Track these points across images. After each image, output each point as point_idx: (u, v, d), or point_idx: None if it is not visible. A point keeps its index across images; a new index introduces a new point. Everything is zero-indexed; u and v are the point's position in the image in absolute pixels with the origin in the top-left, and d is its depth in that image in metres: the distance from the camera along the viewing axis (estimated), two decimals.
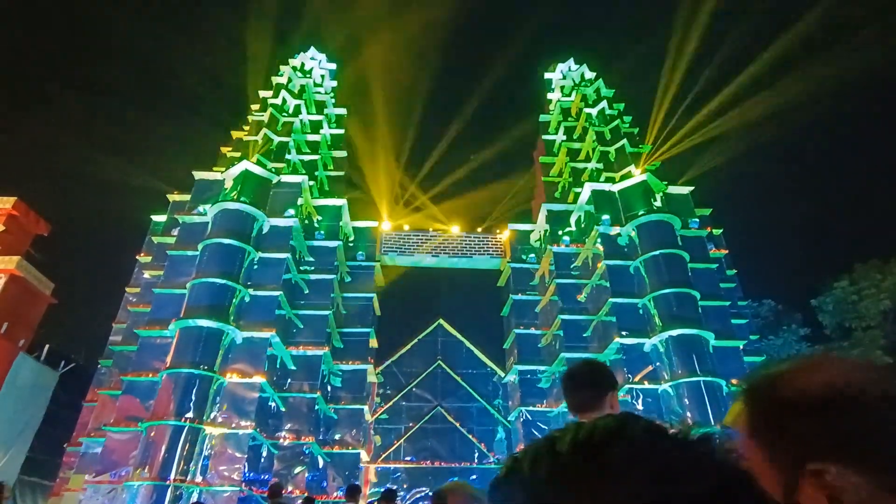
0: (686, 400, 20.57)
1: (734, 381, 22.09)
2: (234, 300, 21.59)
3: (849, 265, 30.34)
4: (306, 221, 25.72)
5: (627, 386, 21.30)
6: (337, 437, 23.10)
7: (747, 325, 25.46)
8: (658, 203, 25.12)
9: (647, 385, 21.43)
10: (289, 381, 22.50)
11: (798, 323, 31.89)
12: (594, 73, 32.82)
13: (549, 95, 33.30)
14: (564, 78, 33.29)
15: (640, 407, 21.01)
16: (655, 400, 21.21)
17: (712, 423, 20.06)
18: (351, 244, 27.74)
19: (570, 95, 31.93)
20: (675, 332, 21.56)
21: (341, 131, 31.52)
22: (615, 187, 25.86)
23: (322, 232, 26.03)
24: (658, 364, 21.77)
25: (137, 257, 26.23)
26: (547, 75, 34.32)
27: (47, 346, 24.77)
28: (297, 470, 20.95)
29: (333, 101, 32.46)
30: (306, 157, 28.02)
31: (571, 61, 33.99)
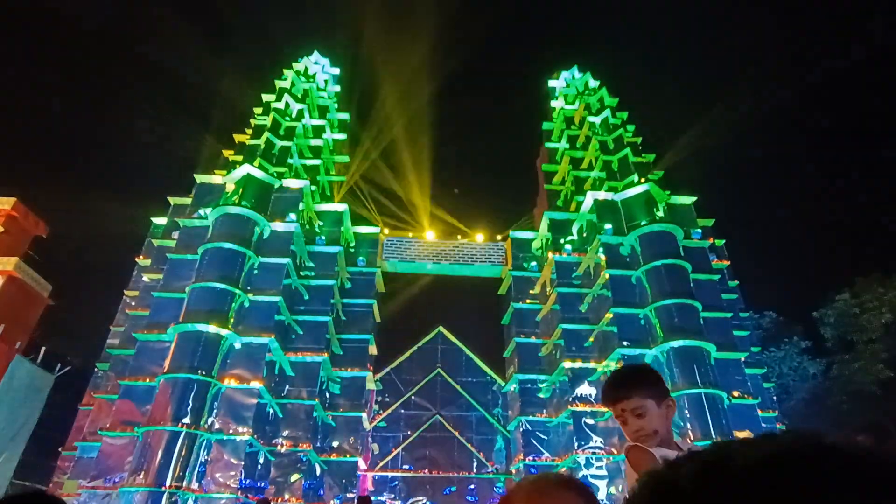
0: (687, 412, 20.43)
1: (735, 394, 21.98)
2: (233, 305, 21.44)
3: (851, 277, 30.28)
4: (307, 226, 25.61)
5: None
6: (335, 444, 22.90)
7: (749, 337, 25.33)
8: (660, 213, 25.04)
9: None
10: (287, 387, 22.32)
11: (799, 335, 31.76)
12: (598, 82, 32.83)
13: (553, 103, 33.29)
14: (568, 86, 33.31)
15: None
16: None
17: (713, 436, 19.94)
18: (352, 250, 27.61)
19: (573, 104, 31.93)
20: (676, 344, 21.43)
21: (343, 136, 31.49)
22: (618, 196, 25.78)
23: (323, 237, 25.92)
24: None
25: (137, 260, 26.08)
26: (550, 83, 34.32)
27: (44, 348, 24.56)
28: (294, 477, 20.74)
29: (336, 105, 32.45)
30: (308, 162, 27.95)
31: (575, 69, 34.02)
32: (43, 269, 24.73)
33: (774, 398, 25.46)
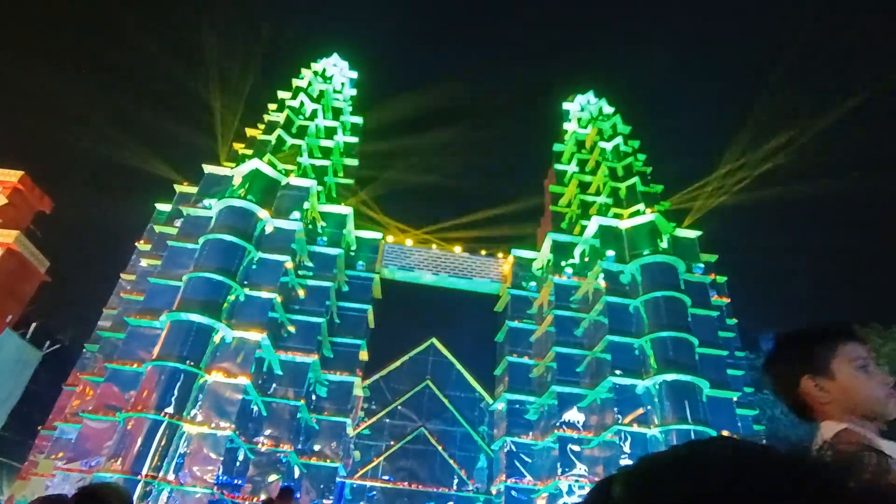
0: None
1: (725, 433, 21.72)
2: (228, 298, 21.35)
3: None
4: (310, 226, 25.59)
5: (616, 427, 20.93)
6: (316, 448, 22.63)
7: (743, 377, 25.12)
8: (664, 244, 24.98)
9: (636, 428, 21.03)
10: (274, 385, 22.13)
11: None
12: (612, 109, 32.98)
13: (566, 126, 33.40)
14: (582, 110, 33.44)
15: (627, 450, 20.62)
16: (643, 444, 20.80)
17: None
18: (352, 253, 27.57)
19: (586, 128, 32.04)
20: (669, 377, 21.23)
21: (355, 139, 31.59)
22: (623, 224, 25.75)
23: (325, 238, 25.88)
24: (649, 407, 21.40)
25: (137, 244, 26.04)
26: (565, 105, 34.47)
27: (34, 324, 24.43)
28: (272, 478, 20.46)
29: (351, 109, 32.61)
30: (317, 162, 28.02)
31: (591, 94, 34.19)
32: (43, 244, 24.71)
33: (764, 442, 25.12)
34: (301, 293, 23.96)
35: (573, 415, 22.63)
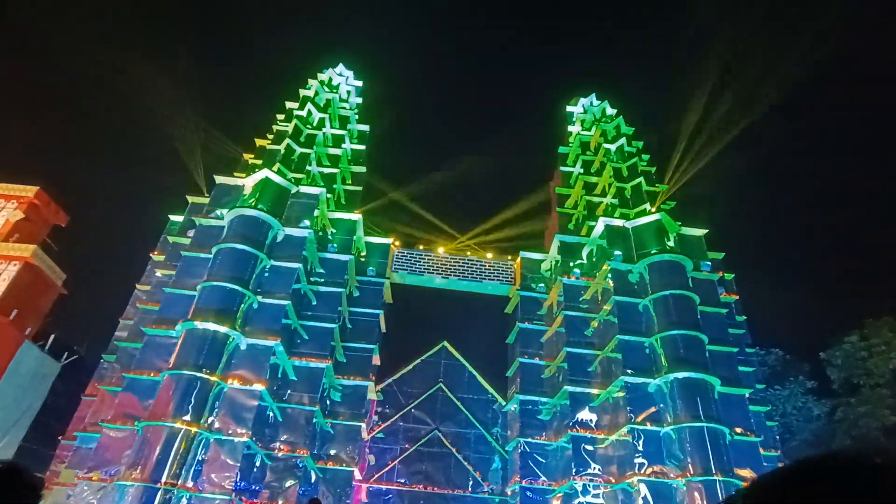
0: (688, 445, 20.24)
1: (738, 430, 21.73)
2: (242, 306, 21.66)
3: (860, 320, 30.03)
4: (320, 233, 25.91)
5: (629, 425, 21.01)
6: (332, 452, 22.82)
7: (754, 374, 25.14)
8: (671, 243, 25.12)
9: (649, 426, 21.11)
10: (288, 391, 22.37)
11: (805, 375, 31.42)
12: (615, 110, 33.22)
13: (570, 128, 33.66)
14: (586, 112, 33.70)
15: (640, 448, 20.69)
16: (657, 442, 20.88)
17: (713, 472, 19.70)
18: (362, 259, 27.84)
19: (590, 130, 32.28)
20: (680, 375, 21.33)
21: (362, 147, 31.96)
22: (629, 224, 25.92)
23: (335, 245, 26.18)
24: (662, 405, 21.49)
25: (151, 255, 26.44)
26: (568, 108, 34.74)
27: (52, 336, 24.83)
28: (289, 483, 20.67)
29: (357, 117, 33.01)
30: (326, 170, 28.40)
31: (594, 96, 34.45)
32: (59, 257, 25.15)
33: (777, 437, 25.13)
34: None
35: (586, 414, 22.74)
